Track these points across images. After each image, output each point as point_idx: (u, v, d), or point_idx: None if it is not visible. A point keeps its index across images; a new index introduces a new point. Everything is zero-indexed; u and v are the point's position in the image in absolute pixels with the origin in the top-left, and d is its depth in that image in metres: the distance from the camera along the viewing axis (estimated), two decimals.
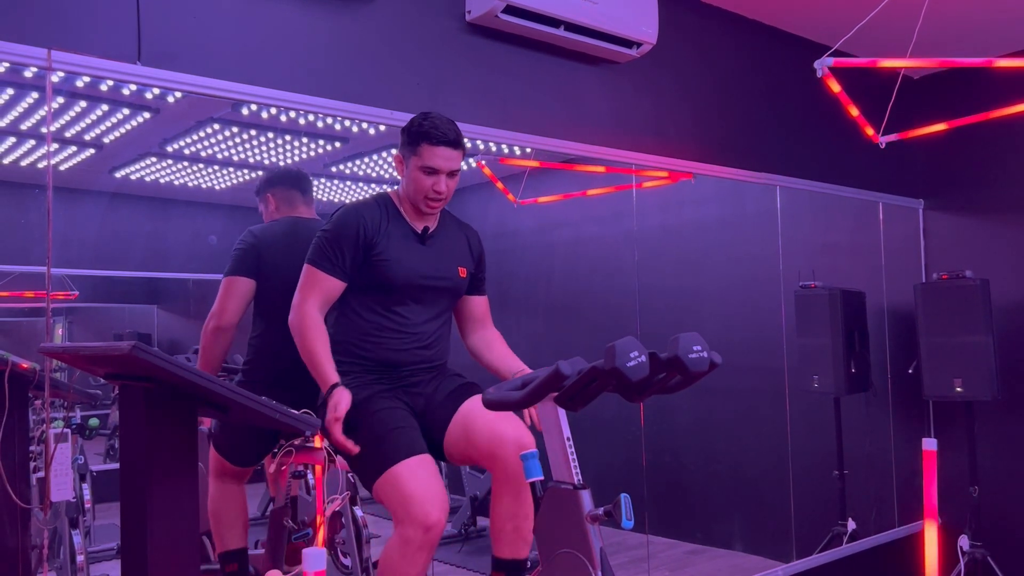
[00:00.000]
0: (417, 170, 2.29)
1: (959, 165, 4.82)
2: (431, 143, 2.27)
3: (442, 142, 2.27)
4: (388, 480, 2.12)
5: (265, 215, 2.94)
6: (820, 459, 4.64)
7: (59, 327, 3.79)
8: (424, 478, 2.12)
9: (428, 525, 2.05)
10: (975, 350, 4.22)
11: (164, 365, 1.34)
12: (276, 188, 2.89)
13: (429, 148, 2.27)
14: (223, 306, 2.71)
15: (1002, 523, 4.48)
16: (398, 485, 2.10)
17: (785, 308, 4.38)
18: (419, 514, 2.05)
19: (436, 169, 2.28)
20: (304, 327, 2.26)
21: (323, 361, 2.23)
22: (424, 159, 2.28)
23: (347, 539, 3.69)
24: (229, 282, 2.71)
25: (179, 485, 1.49)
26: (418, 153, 2.29)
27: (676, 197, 4.66)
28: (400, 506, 2.09)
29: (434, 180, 2.29)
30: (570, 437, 1.97)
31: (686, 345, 1.82)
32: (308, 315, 2.27)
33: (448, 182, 2.32)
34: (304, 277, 2.32)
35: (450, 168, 2.30)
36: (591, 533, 1.87)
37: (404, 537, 2.07)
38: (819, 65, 2.78)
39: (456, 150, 2.31)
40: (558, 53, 3.33)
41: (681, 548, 4.67)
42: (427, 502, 2.07)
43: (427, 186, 2.29)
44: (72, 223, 2.28)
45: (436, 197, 2.32)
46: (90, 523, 3.42)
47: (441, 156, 2.28)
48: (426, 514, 2.05)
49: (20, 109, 2.80)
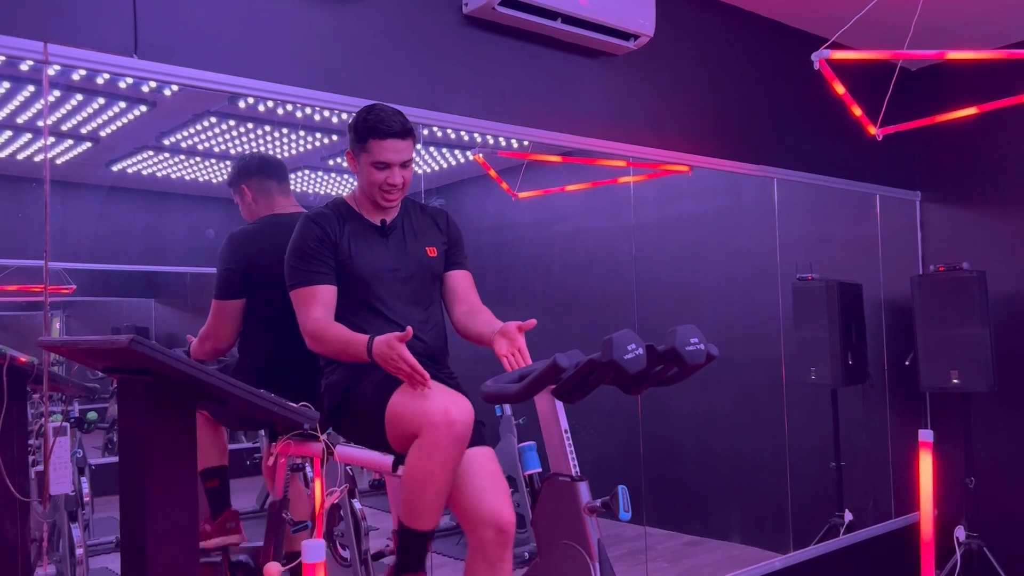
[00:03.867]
0: (369, 166, 2.29)
1: (956, 157, 4.83)
2: (379, 137, 2.26)
3: (389, 135, 2.26)
4: (395, 404, 2.10)
5: (242, 207, 2.87)
6: (817, 451, 4.66)
7: (56, 321, 3.79)
8: (436, 387, 2.09)
9: (451, 420, 2.00)
10: (972, 342, 4.23)
11: (163, 358, 1.35)
12: (251, 179, 2.82)
13: (377, 143, 2.26)
14: (218, 331, 2.69)
15: (998, 514, 4.50)
16: (406, 401, 2.07)
17: (782, 300, 4.38)
18: (439, 411, 2.01)
19: (387, 163, 2.28)
20: (320, 332, 2.22)
21: (349, 335, 2.17)
22: (374, 154, 2.27)
23: (346, 532, 3.71)
24: (220, 307, 2.67)
25: (178, 477, 1.49)
26: (367, 149, 2.28)
27: (673, 190, 4.67)
28: (418, 414, 2.04)
29: (387, 174, 2.28)
30: (568, 429, 1.98)
31: (683, 338, 1.82)
32: (319, 320, 2.24)
33: (402, 173, 2.30)
34: (296, 303, 2.29)
35: (401, 160, 2.29)
36: (589, 524, 1.88)
37: (429, 442, 2.01)
38: (816, 57, 2.79)
39: (405, 140, 2.29)
40: (555, 46, 3.33)
41: (679, 540, 4.69)
42: (445, 401, 2.03)
43: (380, 180, 2.29)
44: (69, 217, 2.27)
45: (391, 189, 2.31)
46: (89, 516, 3.43)
47: (391, 149, 2.27)
48: (447, 409, 2.01)
49: (16, 103, 2.80)
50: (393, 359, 2.04)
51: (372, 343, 2.09)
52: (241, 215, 2.91)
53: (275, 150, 3.56)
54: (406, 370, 2.04)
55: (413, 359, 2.04)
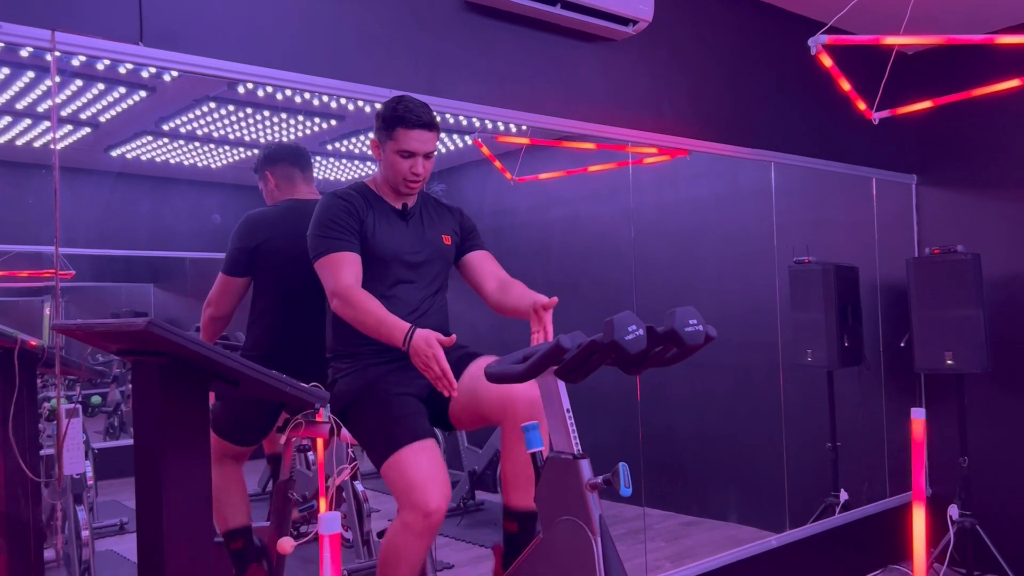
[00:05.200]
0: (394, 154, 2.36)
1: (952, 140, 4.85)
2: (406, 127, 2.34)
3: (417, 125, 2.34)
4: (393, 465, 2.17)
5: (265, 193, 2.94)
6: (813, 432, 4.71)
7: (46, 307, 3.81)
8: (426, 464, 2.16)
9: (428, 511, 2.10)
10: (966, 324, 4.27)
11: (179, 340, 1.38)
12: (276, 166, 2.89)
13: (404, 132, 2.34)
14: (218, 300, 2.77)
15: (991, 492, 4.56)
16: (402, 471, 2.15)
17: (779, 283, 4.42)
18: (420, 501, 2.10)
19: (412, 152, 2.35)
20: (351, 296, 2.23)
21: (386, 314, 2.19)
22: (400, 143, 2.35)
23: (348, 513, 3.75)
24: (224, 281, 2.75)
25: (193, 456, 1.53)
26: (394, 137, 2.35)
27: (672, 174, 4.69)
28: (403, 492, 2.14)
29: (411, 163, 2.36)
30: (570, 409, 2.02)
31: (682, 319, 1.86)
32: (350, 285, 2.26)
33: (425, 163, 2.38)
34: (323, 269, 2.31)
35: (426, 150, 2.37)
36: (590, 500, 1.93)
37: (406, 522, 2.13)
38: (813, 43, 2.81)
39: (431, 132, 2.37)
40: (554, 31, 3.34)
41: (677, 520, 4.75)
42: (428, 489, 2.11)
43: (404, 169, 2.36)
44: (67, 202, 2.29)
45: (414, 179, 2.39)
46: (93, 500, 3.47)
47: (417, 139, 2.35)
48: (426, 501, 2.10)
49: (16, 88, 2.81)
50: (428, 358, 2.09)
51: (412, 334, 2.13)
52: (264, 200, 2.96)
53: (274, 135, 3.58)
54: (436, 371, 2.09)
55: (447, 365, 2.09)
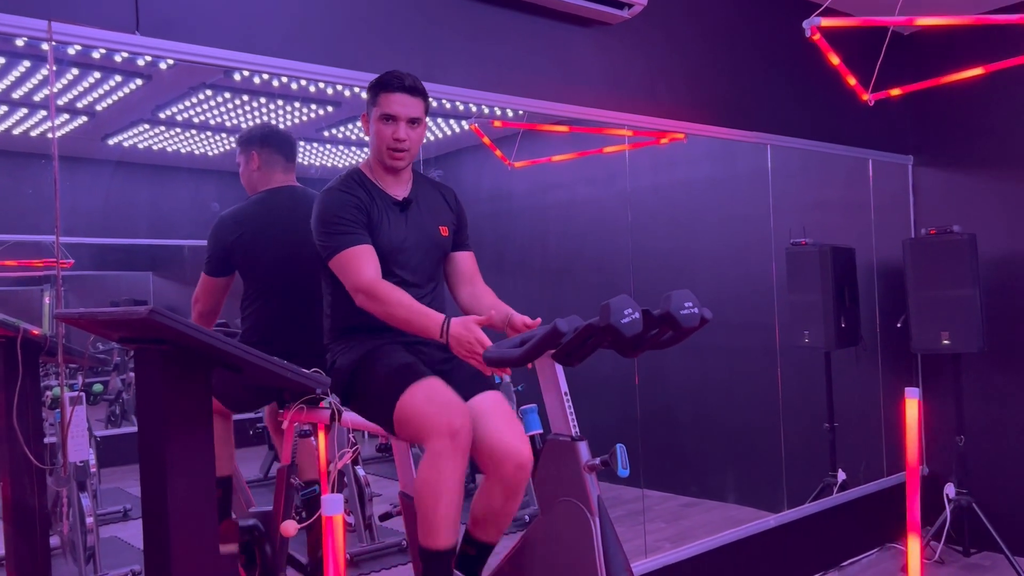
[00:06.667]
0: (378, 121, 2.34)
1: (948, 121, 4.85)
2: (388, 91, 2.32)
3: (399, 88, 2.32)
4: (404, 405, 2.13)
5: (243, 172, 2.94)
6: (811, 412, 4.74)
7: (46, 295, 3.82)
8: (439, 393, 2.13)
9: (453, 430, 2.05)
10: (962, 303, 4.29)
11: (182, 328, 1.40)
12: (264, 148, 2.89)
13: (386, 96, 2.32)
14: (204, 298, 2.85)
15: (987, 471, 4.60)
16: (416, 406, 2.12)
17: (776, 265, 4.43)
18: (442, 424, 2.06)
19: (394, 116, 2.32)
20: (376, 290, 2.22)
21: (419, 306, 2.19)
22: (382, 107, 2.33)
23: (350, 498, 3.79)
24: (205, 280, 2.83)
25: (196, 441, 1.55)
26: (377, 103, 2.34)
27: (668, 157, 4.69)
28: (422, 426, 2.10)
29: (393, 128, 2.33)
30: (567, 392, 2.04)
31: (678, 302, 1.88)
32: (373, 278, 2.24)
33: (409, 131, 2.34)
34: (340, 266, 2.29)
35: (409, 115, 2.33)
36: (589, 482, 1.96)
37: (434, 451, 2.07)
38: (807, 25, 2.81)
39: (414, 97, 2.34)
40: (550, 15, 3.34)
41: (676, 501, 4.78)
42: (446, 411, 2.08)
43: (387, 135, 2.33)
44: (66, 191, 2.31)
45: (398, 147, 2.34)
46: (96, 487, 3.49)
47: (398, 102, 2.32)
48: (449, 421, 2.06)
49: (12, 77, 2.81)
50: (470, 342, 2.08)
51: (449, 323, 2.12)
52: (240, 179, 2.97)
53: (271, 121, 3.58)
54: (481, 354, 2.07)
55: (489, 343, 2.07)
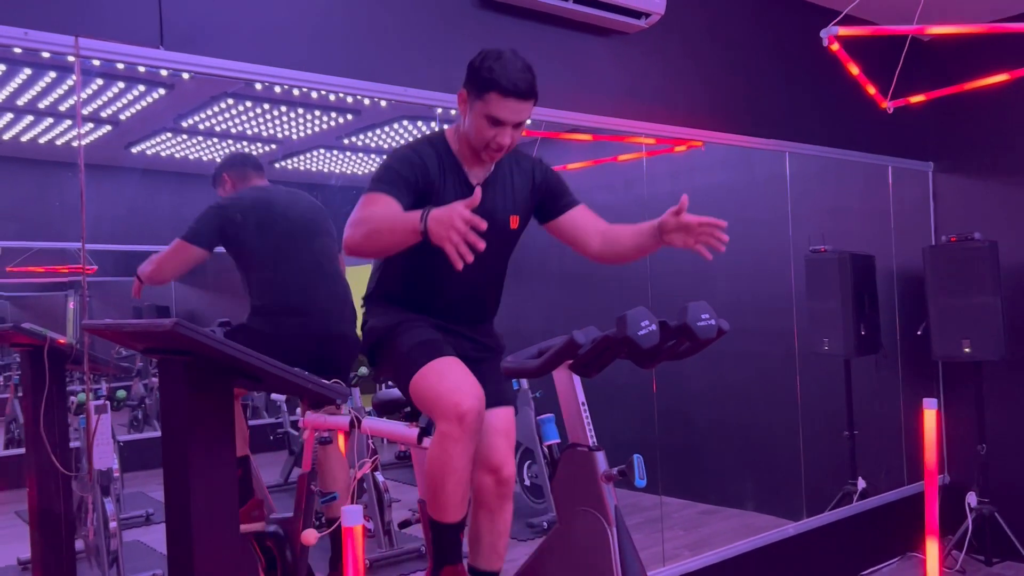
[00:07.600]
0: (481, 117, 2.11)
1: (968, 128, 4.82)
2: (500, 93, 2.07)
3: (512, 93, 2.07)
4: (420, 379, 2.10)
5: (222, 194, 3.15)
6: (830, 420, 4.71)
7: (70, 301, 3.87)
8: (453, 373, 2.09)
9: (461, 413, 2.01)
10: (983, 311, 4.26)
11: (204, 340, 1.43)
12: (231, 170, 3.13)
13: (497, 98, 2.07)
14: (162, 265, 2.86)
15: (1009, 480, 4.55)
16: (430, 383, 2.09)
17: (795, 272, 4.42)
18: (451, 405, 2.02)
19: (502, 121, 2.10)
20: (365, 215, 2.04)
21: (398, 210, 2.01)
22: (490, 108, 2.09)
23: (369, 504, 3.82)
24: (180, 245, 2.83)
25: (218, 450, 1.58)
26: (484, 99, 2.09)
27: (686, 164, 4.69)
28: (434, 404, 2.07)
29: (498, 131, 2.11)
30: (585, 402, 2.06)
31: (695, 314, 1.89)
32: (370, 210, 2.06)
33: (514, 134, 2.14)
34: (361, 203, 2.09)
35: (517, 120, 2.12)
36: (606, 492, 1.97)
37: (442, 432, 2.04)
38: (825, 34, 2.81)
39: (527, 101, 2.11)
40: (568, 25, 3.36)
41: (695, 508, 4.77)
42: (457, 393, 2.04)
43: (489, 136, 2.12)
44: (89, 198, 2.35)
45: (498, 148, 2.14)
46: (120, 491, 3.54)
47: (510, 108, 2.08)
48: (457, 403, 2.01)
49: (38, 88, 2.87)
50: (448, 215, 1.81)
51: (427, 213, 1.87)
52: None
53: (291, 130, 3.63)
54: (461, 229, 1.80)
55: (470, 216, 1.81)
